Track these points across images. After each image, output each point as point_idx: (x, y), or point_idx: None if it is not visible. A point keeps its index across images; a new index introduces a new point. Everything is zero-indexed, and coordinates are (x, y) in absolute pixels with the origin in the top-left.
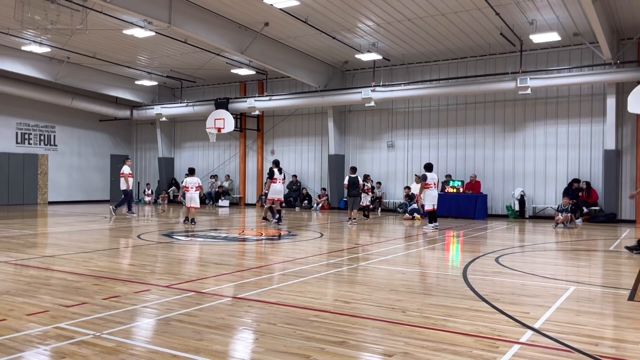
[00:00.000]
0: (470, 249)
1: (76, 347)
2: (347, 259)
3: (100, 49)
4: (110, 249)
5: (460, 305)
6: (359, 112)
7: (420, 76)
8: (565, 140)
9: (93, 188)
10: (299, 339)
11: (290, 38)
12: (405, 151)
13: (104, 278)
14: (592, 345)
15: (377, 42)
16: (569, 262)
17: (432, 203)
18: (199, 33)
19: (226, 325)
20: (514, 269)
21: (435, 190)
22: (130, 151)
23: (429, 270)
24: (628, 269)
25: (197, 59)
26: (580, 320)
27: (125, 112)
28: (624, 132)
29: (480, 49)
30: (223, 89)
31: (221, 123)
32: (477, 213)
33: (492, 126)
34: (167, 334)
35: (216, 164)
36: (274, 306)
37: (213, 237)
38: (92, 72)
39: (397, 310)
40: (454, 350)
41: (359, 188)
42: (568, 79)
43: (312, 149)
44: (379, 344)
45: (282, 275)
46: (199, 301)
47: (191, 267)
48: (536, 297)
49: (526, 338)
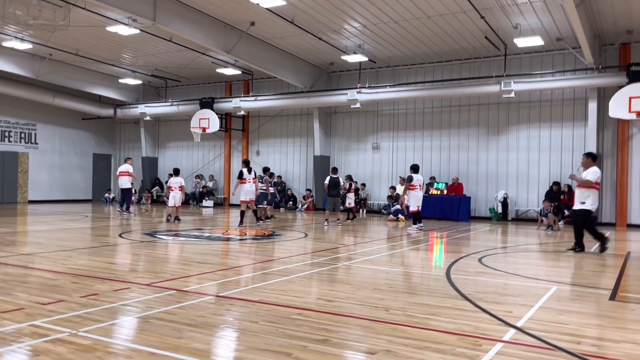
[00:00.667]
0: (453, 250)
1: (51, 345)
2: (331, 259)
3: (83, 46)
4: (90, 248)
5: (444, 304)
6: (345, 114)
7: (406, 78)
8: (547, 143)
9: (74, 187)
10: (281, 337)
11: (277, 38)
12: (391, 153)
13: (83, 276)
14: (575, 344)
15: (363, 44)
16: (550, 263)
17: (417, 204)
18: (184, 31)
19: (207, 323)
20: (497, 269)
21: (420, 192)
22: (113, 150)
23: (412, 270)
24: (609, 270)
25: (182, 58)
26: (563, 319)
27: (108, 111)
28: (605, 136)
29: (466, 53)
30: (208, 88)
31: (206, 123)
32: (461, 215)
33: (476, 129)
34: (146, 332)
35: (200, 164)
36: (256, 305)
37: (196, 236)
38: (75, 69)
39: (380, 309)
40: (436, 348)
41: (340, 189)
42: (551, 83)
43: (298, 150)
44: (361, 342)
45: (265, 274)
46: (180, 299)
47: (173, 265)
48: (519, 297)
49: (509, 336)
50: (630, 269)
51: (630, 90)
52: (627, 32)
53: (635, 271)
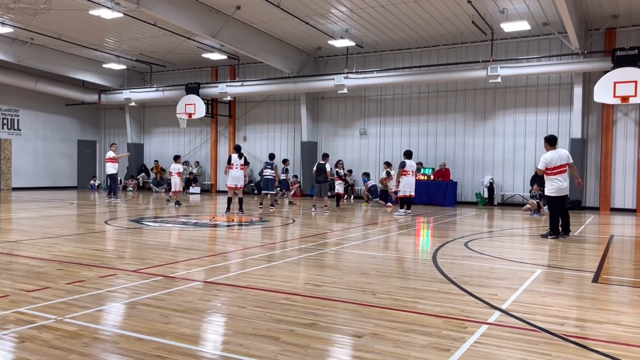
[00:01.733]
0: (440, 235)
1: (37, 332)
2: (319, 244)
3: (65, 30)
4: (76, 235)
5: (430, 287)
6: (332, 99)
7: (393, 64)
8: (533, 128)
9: (59, 174)
10: (268, 322)
11: (263, 22)
12: (378, 139)
13: (69, 263)
14: (558, 325)
15: (350, 29)
16: (535, 247)
17: (409, 190)
18: (169, 15)
19: (194, 308)
20: (483, 253)
21: (412, 178)
22: (98, 136)
23: (399, 255)
24: (592, 253)
25: (167, 43)
26: (546, 301)
27: (92, 97)
28: (589, 121)
29: (452, 37)
30: (194, 73)
31: (192, 108)
32: (447, 200)
33: (463, 114)
34: (133, 318)
35: (187, 150)
36: (243, 290)
37: (183, 222)
38: (58, 54)
39: (367, 293)
40: (423, 331)
41: (327, 175)
42: (537, 68)
43: (285, 136)
44: (348, 326)
45: (253, 259)
46: (167, 285)
47: (160, 252)
48: (504, 280)
49: (494, 318)
50: (612, 252)
51: (615, 75)
52: (612, 17)
53: (617, 254)
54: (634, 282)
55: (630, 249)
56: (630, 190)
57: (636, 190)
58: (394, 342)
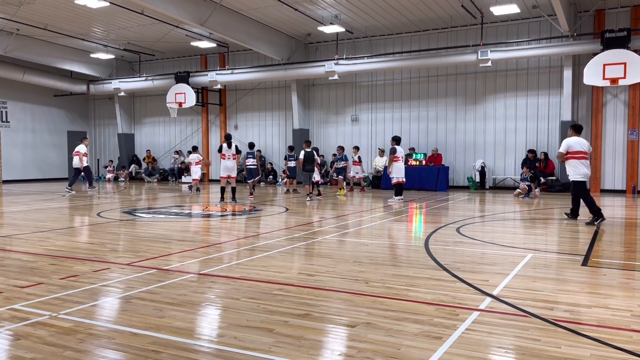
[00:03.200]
0: (432, 220)
1: (31, 329)
2: (312, 233)
3: (51, 20)
4: (68, 228)
5: (422, 275)
6: (323, 86)
7: (383, 49)
8: (524, 112)
9: (49, 166)
10: (262, 313)
11: (251, 9)
12: (370, 125)
13: (62, 257)
14: (548, 310)
15: (340, 14)
16: (527, 231)
17: (400, 176)
18: (156, 4)
19: (188, 301)
20: (475, 238)
21: (402, 163)
22: (88, 127)
23: (392, 242)
24: (583, 235)
25: (155, 31)
26: (537, 286)
27: (81, 87)
28: (579, 104)
29: (442, 22)
30: (183, 62)
31: (182, 97)
32: (439, 185)
33: (454, 99)
34: (128, 312)
35: (178, 140)
36: (237, 281)
37: (176, 213)
38: (44, 44)
39: (360, 282)
40: (415, 319)
41: (314, 163)
42: (527, 51)
43: (276, 124)
44: (342, 315)
45: (246, 250)
46: (161, 278)
47: (153, 244)
48: (495, 265)
49: (485, 305)
50: (603, 235)
51: (604, 57)
52: None
53: (607, 236)
54: (622, 265)
55: (619, 231)
56: (620, 172)
57: (626, 171)
58: (387, 331)
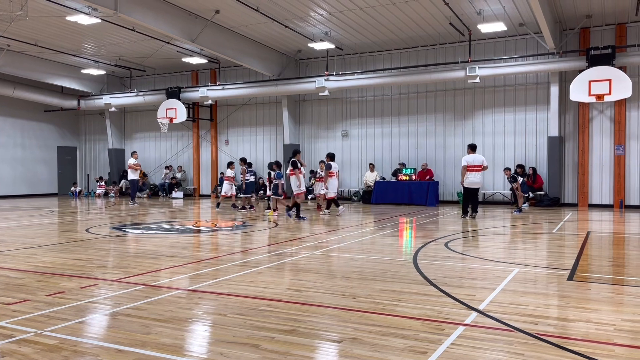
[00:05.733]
0: (421, 235)
1: (16, 346)
2: (301, 248)
3: (42, 36)
4: (56, 244)
5: (409, 289)
6: (314, 102)
7: (373, 65)
8: (512, 127)
9: (39, 181)
10: (249, 329)
11: (242, 26)
12: (360, 140)
13: (49, 274)
14: (532, 324)
15: (330, 31)
16: (514, 245)
17: (334, 191)
18: (147, 21)
19: (175, 317)
20: (463, 253)
21: (336, 179)
22: (78, 143)
23: (380, 257)
24: (570, 250)
25: (146, 47)
26: (522, 300)
27: (72, 102)
28: (566, 119)
29: (431, 39)
30: (174, 78)
31: (173, 113)
32: (429, 200)
33: (443, 114)
34: (114, 329)
35: (169, 155)
36: (225, 297)
37: (165, 229)
38: (35, 60)
39: (347, 297)
40: (401, 334)
41: None
42: (514, 68)
43: (267, 139)
44: (328, 331)
45: (235, 266)
46: (149, 294)
47: (142, 260)
48: (482, 280)
49: (471, 319)
50: (589, 249)
51: (590, 74)
52: (586, 16)
53: (594, 251)
54: (608, 280)
55: (606, 246)
56: (607, 187)
57: (613, 186)
58: (373, 346)
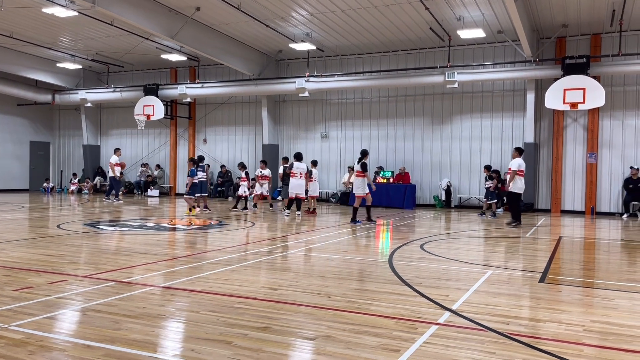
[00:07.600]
0: (397, 237)
1: None
2: (277, 247)
3: (17, 28)
4: (26, 239)
5: (384, 289)
6: (293, 102)
7: (354, 68)
8: (489, 133)
9: (10, 176)
10: (221, 326)
11: (223, 24)
12: (339, 142)
13: (17, 269)
14: (504, 324)
15: (311, 32)
16: (488, 248)
17: (295, 192)
18: (126, 15)
19: (146, 314)
20: (438, 254)
21: (301, 180)
22: (52, 138)
23: (356, 257)
24: (542, 253)
25: (124, 43)
26: (494, 301)
27: (46, 97)
28: (541, 126)
29: (411, 43)
30: (153, 74)
31: (150, 110)
32: (406, 203)
33: (422, 118)
34: (82, 324)
35: (145, 152)
36: (198, 294)
37: (140, 226)
38: (9, 52)
39: (322, 296)
40: (374, 332)
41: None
42: (492, 74)
43: (246, 139)
44: (302, 328)
45: (209, 263)
46: (120, 291)
47: (114, 257)
48: (456, 281)
49: (444, 319)
50: (561, 253)
51: (565, 83)
52: (563, 26)
53: (565, 254)
54: (578, 282)
55: (577, 250)
56: (580, 193)
57: (585, 193)
58: (346, 344)
